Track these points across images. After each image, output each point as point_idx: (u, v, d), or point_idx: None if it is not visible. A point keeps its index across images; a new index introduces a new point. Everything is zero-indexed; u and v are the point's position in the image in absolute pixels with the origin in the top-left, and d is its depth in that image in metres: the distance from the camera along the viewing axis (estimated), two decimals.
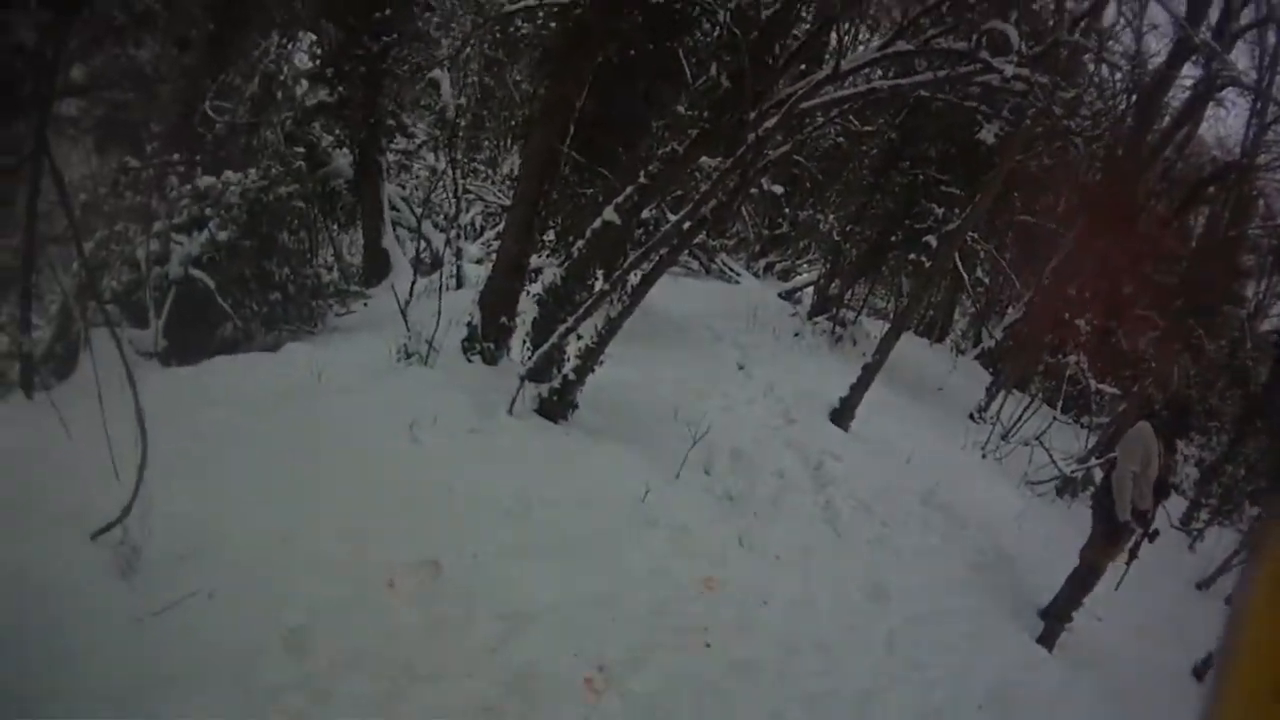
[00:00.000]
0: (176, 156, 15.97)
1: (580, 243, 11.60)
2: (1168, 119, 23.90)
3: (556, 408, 10.89)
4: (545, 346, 11.01)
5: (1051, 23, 18.19)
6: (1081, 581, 11.08)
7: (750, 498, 11.09)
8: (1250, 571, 1.08)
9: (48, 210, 11.70)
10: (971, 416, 19.06)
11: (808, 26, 13.30)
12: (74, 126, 19.51)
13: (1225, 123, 23.36)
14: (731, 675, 7.85)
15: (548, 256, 14.63)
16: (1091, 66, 21.85)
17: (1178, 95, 24.08)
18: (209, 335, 13.94)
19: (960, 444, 16.65)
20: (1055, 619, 11.11)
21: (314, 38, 20.37)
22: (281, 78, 20.87)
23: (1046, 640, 10.94)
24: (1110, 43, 24.05)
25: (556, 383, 10.89)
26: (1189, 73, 23.14)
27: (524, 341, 11.80)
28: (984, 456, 16.82)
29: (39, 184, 8.48)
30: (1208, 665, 12.10)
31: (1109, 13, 21.76)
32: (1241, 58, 23.43)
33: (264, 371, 11.28)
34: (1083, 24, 17.46)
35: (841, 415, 14.47)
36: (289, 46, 21.77)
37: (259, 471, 8.29)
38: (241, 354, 12.92)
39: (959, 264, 21.01)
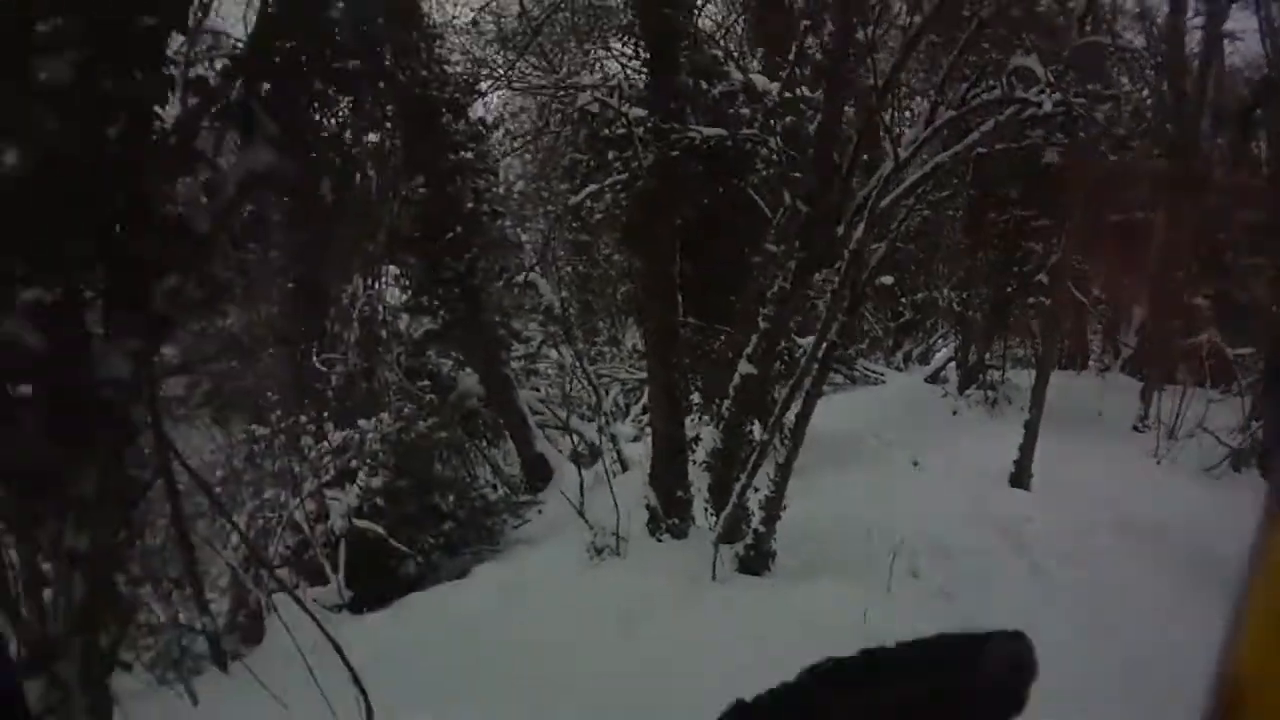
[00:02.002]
0: (303, 418, 16.09)
1: (727, 402, 11.64)
2: (1195, 66, 23.70)
3: (757, 561, 10.85)
4: (728, 509, 11.00)
5: (1061, 19, 18.29)
6: None
7: (960, 586, 10.97)
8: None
9: (189, 491, 11.92)
10: (1135, 428, 18.87)
11: (855, 123, 13.37)
12: (183, 405, 19.71)
13: (1242, 49, 22.87)
14: None
15: (701, 420, 14.66)
16: (1111, 51, 21.72)
17: (1194, 42, 23.93)
18: (393, 577, 13.93)
19: (1133, 459, 16.47)
20: None
21: (397, 270, 20.60)
22: (380, 317, 21.10)
23: None
24: (1118, 23, 24.00)
25: (749, 539, 10.88)
26: (1195, 12, 22.98)
27: (705, 508, 11.75)
28: (1158, 462, 16.59)
29: (173, 475, 8.68)
30: None
31: None
32: None
33: (458, 599, 11.41)
34: (1089, 19, 17.45)
35: (1020, 477, 14.39)
36: (374, 285, 22.01)
37: (473, 701, 8.37)
38: (431, 588, 13.03)
39: (1074, 290, 20.84)
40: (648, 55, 12.24)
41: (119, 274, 4.93)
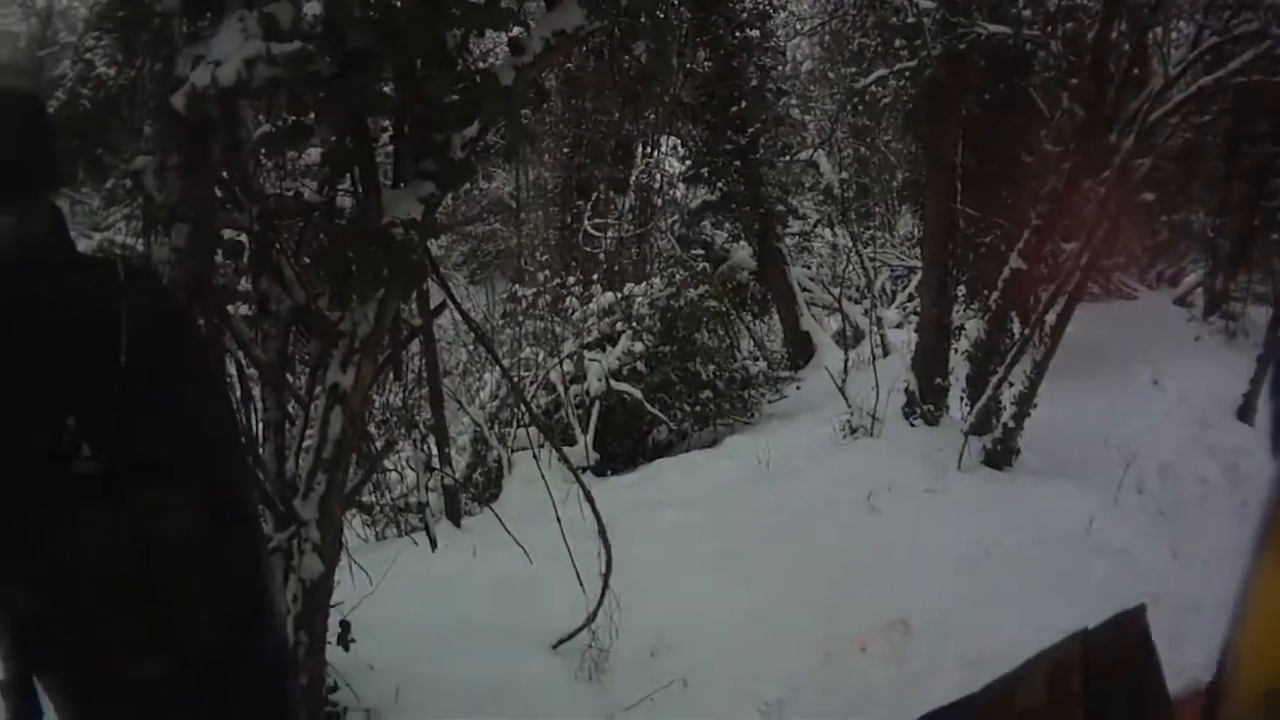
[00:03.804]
0: (571, 279, 16.46)
1: (994, 294, 11.80)
2: None
3: (1001, 456, 11.09)
4: (982, 400, 11.24)
5: None
6: None
7: (1179, 510, 11.06)
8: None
9: (442, 349, 12.19)
10: None
11: (1129, 36, 13.31)
12: (443, 264, 20.21)
13: None
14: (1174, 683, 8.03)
15: (965, 311, 14.84)
16: None
17: None
18: (639, 443, 14.42)
19: None
20: None
21: (678, 141, 20.85)
22: (657, 185, 21.42)
23: None
24: None
25: (998, 433, 11.10)
26: None
27: (960, 398, 11.96)
28: None
29: (432, 329, 8.88)
30: None
31: None
32: None
33: (709, 467, 11.71)
34: None
35: (1246, 411, 14.08)
36: (654, 154, 22.32)
37: (721, 562, 8.65)
38: (680, 454, 13.42)
39: None
40: None
41: (417, 118, 5.21)
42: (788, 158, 19.73)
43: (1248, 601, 1.06)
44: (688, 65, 18.64)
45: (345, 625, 6.16)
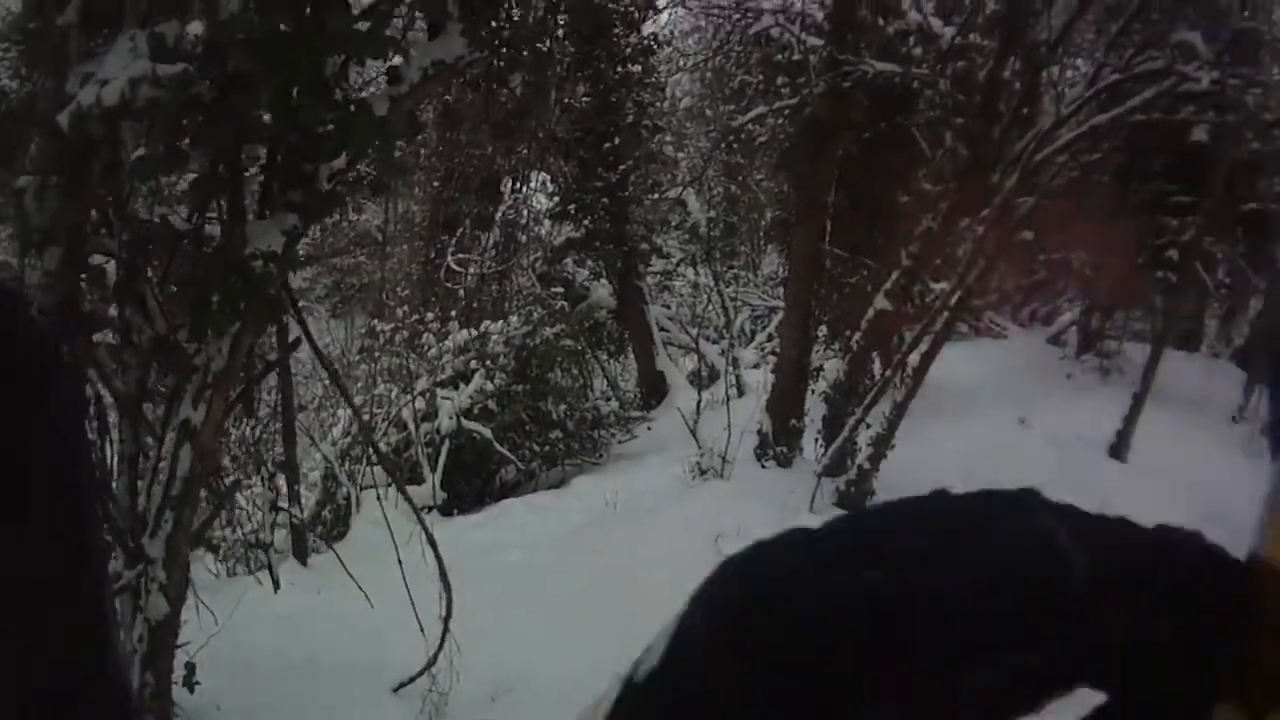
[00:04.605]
0: (429, 315, 16.31)
1: (857, 335, 11.78)
2: None
3: (855, 498, 11.02)
4: (838, 441, 11.23)
5: (1224, 3, 18.11)
6: None
7: None
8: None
9: (297, 383, 12.06)
10: (1233, 419, 18.52)
11: (1021, 75, 13.44)
12: (304, 297, 19.83)
13: None
14: None
15: (825, 352, 14.82)
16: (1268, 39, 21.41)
17: None
18: (487, 482, 14.37)
19: (1228, 450, 16.34)
20: None
21: (547, 177, 20.79)
22: (523, 222, 21.33)
23: None
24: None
25: (853, 474, 11.10)
26: None
27: (816, 440, 11.90)
28: (1247, 457, 16.41)
29: (288, 363, 8.79)
30: None
31: None
32: None
33: (556, 509, 11.63)
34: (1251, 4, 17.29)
35: (1119, 449, 14.50)
36: (522, 190, 22.21)
37: (565, 606, 8.61)
38: (527, 495, 13.28)
39: (1201, 270, 20.73)
40: None
41: (289, 147, 5.07)
42: (656, 195, 19.66)
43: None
44: (566, 100, 18.50)
45: (191, 667, 6.02)
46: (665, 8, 20.42)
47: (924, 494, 0.55)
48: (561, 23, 16.62)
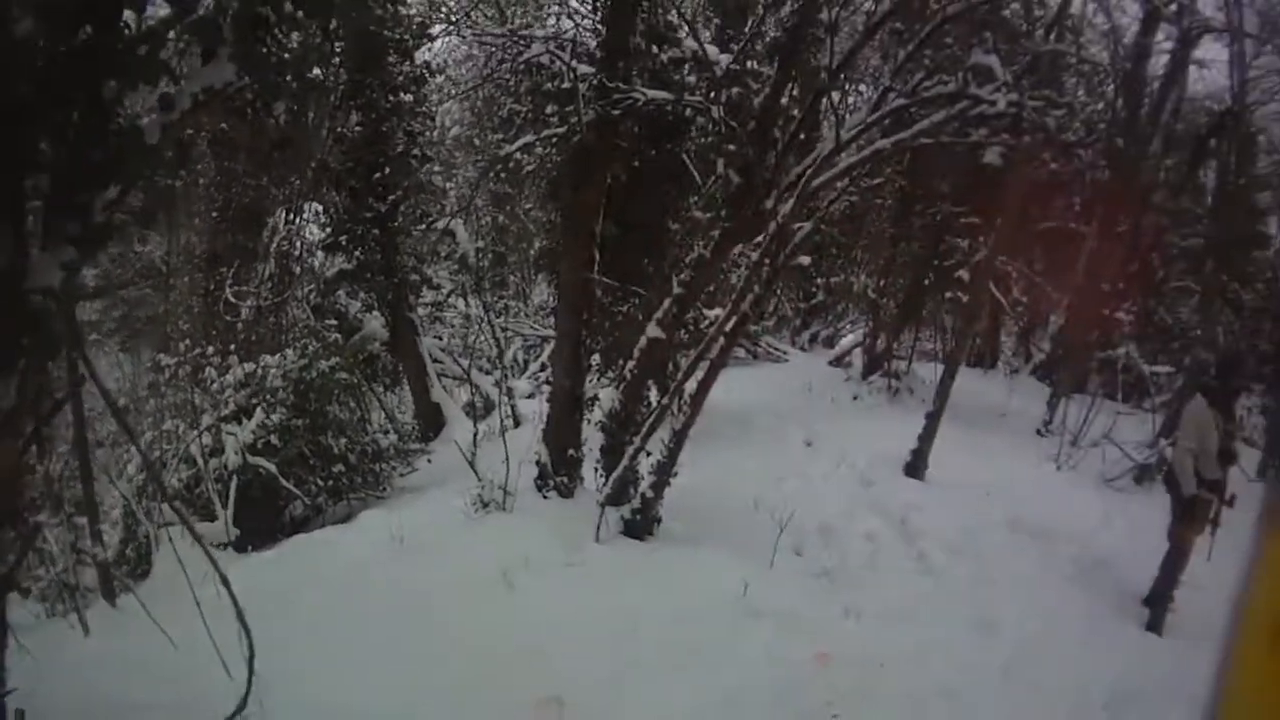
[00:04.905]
0: (210, 349, 16.07)
1: (630, 364, 11.73)
2: (1155, 87, 24.10)
3: (641, 526, 11.03)
4: (618, 470, 11.12)
5: (1025, 27, 18.50)
6: (1173, 561, 11.29)
7: (845, 568, 11.23)
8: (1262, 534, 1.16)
9: (92, 419, 11.88)
10: (1039, 432, 19.08)
11: (800, 101, 13.51)
12: (95, 330, 19.52)
13: (1207, 78, 23.13)
14: None
15: (600, 381, 14.81)
16: (1073, 62, 21.98)
17: (1159, 64, 24.36)
18: (279, 517, 14.22)
19: (1034, 462, 16.78)
20: (1158, 603, 11.30)
21: (320, 208, 20.63)
22: (296, 253, 21.14)
23: (1155, 625, 11.16)
24: (1085, 35, 24.30)
25: (636, 503, 11.04)
26: (1165, 35, 23.30)
27: (595, 468, 11.86)
28: (1059, 468, 16.87)
29: (80, 401, 8.66)
30: None
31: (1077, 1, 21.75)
32: (1208, 6, 23.42)
33: (344, 543, 11.39)
34: (1055, 29, 17.66)
35: (915, 467, 14.67)
36: (296, 221, 22.00)
37: (363, 641, 8.51)
38: (316, 530, 13.07)
39: (994, 289, 21.15)
40: (605, 13, 12.39)
41: (66, 178, 4.95)
42: (424, 226, 19.57)
43: (1239, 633, 0.95)
44: (339, 129, 18.36)
45: (20, 714, 5.99)
46: (439, 36, 20.51)
47: None
48: (337, 50, 16.57)
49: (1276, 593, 1.17)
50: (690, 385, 11.27)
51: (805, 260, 15.75)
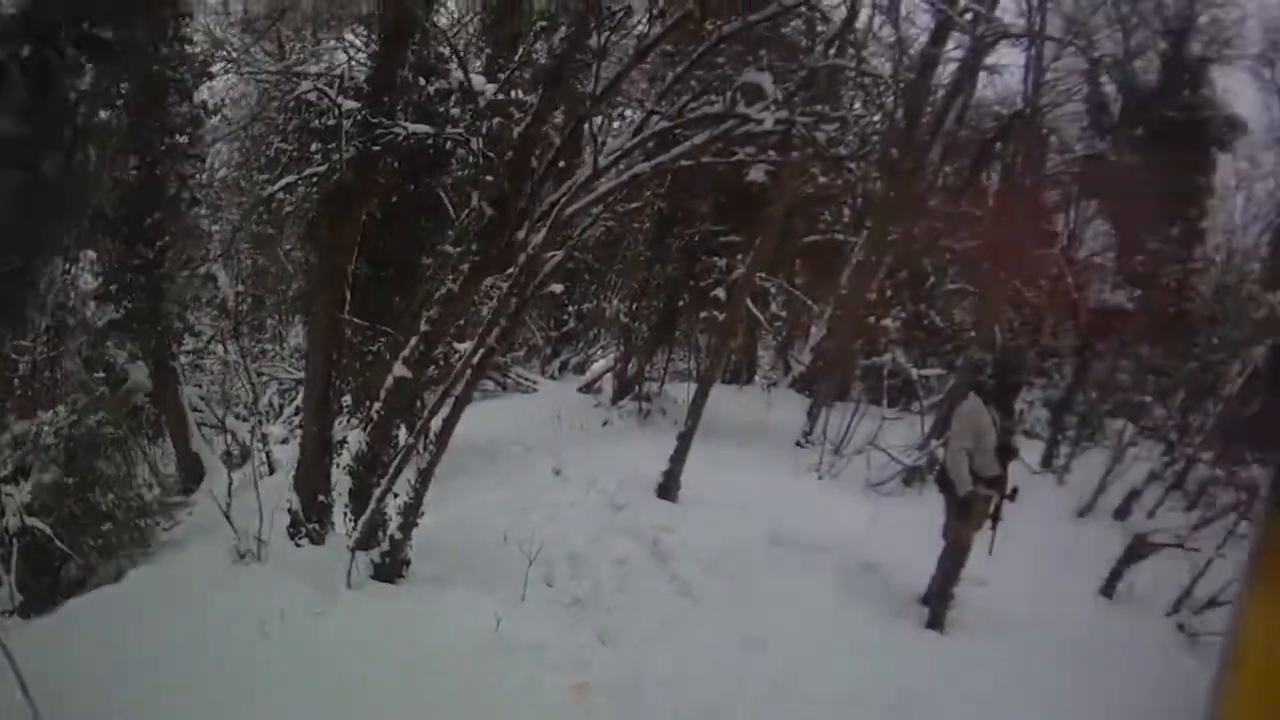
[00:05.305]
0: None
1: (377, 405, 11.73)
2: (940, 96, 24.49)
3: (391, 569, 11.05)
4: (366, 514, 11.13)
5: (806, 43, 18.74)
6: (953, 559, 11.54)
7: (598, 595, 11.38)
8: (1251, 571, 1.17)
9: None
10: (799, 443, 19.38)
11: (561, 129, 13.54)
12: None
13: (997, 83, 23.38)
14: None
15: (350, 423, 14.75)
16: (852, 75, 22.11)
17: (947, 72, 24.71)
18: (55, 579, 13.93)
19: (795, 474, 17.07)
20: (937, 600, 11.57)
21: (94, 255, 20.33)
22: (70, 304, 20.81)
23: (936, 623, 11.44)
24: (870, 48, 24.53)
25: (385, 545, 11.06)
26: (956, 44, 23.59)
27: (345, 514, 11.83)
28: (820, 478, 17.18)
29: None
30: (1113, 582, 13.20)
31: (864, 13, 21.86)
32: (1007, 13, 23.66)
33: (114, 608, 11.32)
34: (837, 43, 17.89)
35: (668, 488, 14.75)
36: (71, 270, 21.67)
37: (147, 706, 8.47)
38: (91, 592, 12.94)
39: (751, 306, 21.45)
40: (377, 47, 12.52)
41: None
42: (188, 271, 19.35)
43: (1237, 642, 1.03)
44: (116, 174, 18.03)
45: None
46: (219, 74, 20.22)
47: None
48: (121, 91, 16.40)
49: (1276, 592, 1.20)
50: (436, 423, 11.27)
51: (557, 288, 15.76)
